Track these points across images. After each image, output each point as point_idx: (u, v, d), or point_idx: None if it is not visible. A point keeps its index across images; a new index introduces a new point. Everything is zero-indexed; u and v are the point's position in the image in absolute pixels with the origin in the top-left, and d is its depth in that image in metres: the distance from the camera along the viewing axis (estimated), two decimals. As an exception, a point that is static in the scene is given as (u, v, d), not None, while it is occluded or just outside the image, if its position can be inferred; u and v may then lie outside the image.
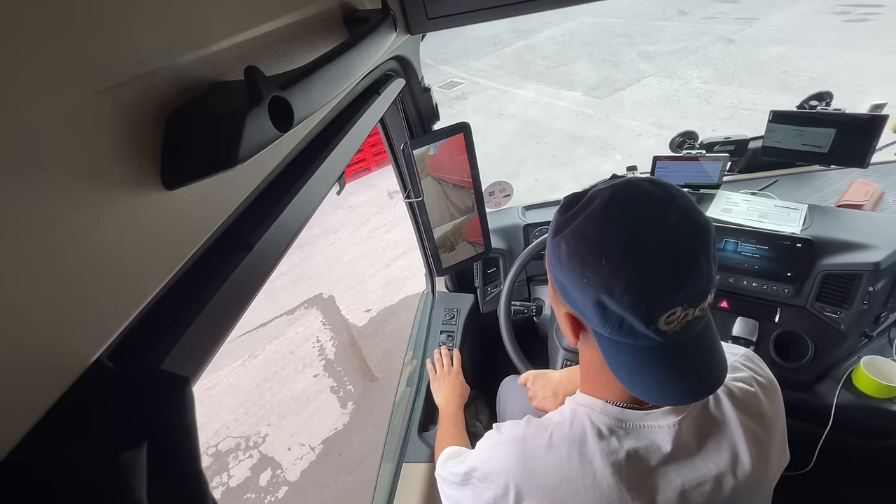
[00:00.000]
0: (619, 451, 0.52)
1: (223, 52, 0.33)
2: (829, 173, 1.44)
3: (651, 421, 0.52)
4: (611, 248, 0.44)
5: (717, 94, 4.72)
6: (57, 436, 0.21)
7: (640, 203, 0.45)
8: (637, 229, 0.44)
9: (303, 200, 0.45)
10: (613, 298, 0.43)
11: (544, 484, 0.53)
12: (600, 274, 0.44)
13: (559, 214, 0.51)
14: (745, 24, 6.31)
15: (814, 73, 4.74)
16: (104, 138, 0.24)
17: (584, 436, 0.53)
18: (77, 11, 0.22)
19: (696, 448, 0.52)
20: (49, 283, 0.21)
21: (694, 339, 0.47)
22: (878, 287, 1.04)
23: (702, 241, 0.44)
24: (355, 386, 2.52)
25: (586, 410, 0.55)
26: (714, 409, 0.54)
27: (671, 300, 0.43)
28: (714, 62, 5.41)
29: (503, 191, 1.46)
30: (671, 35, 6.40)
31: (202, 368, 0.33)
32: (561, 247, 0.48)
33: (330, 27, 0.51)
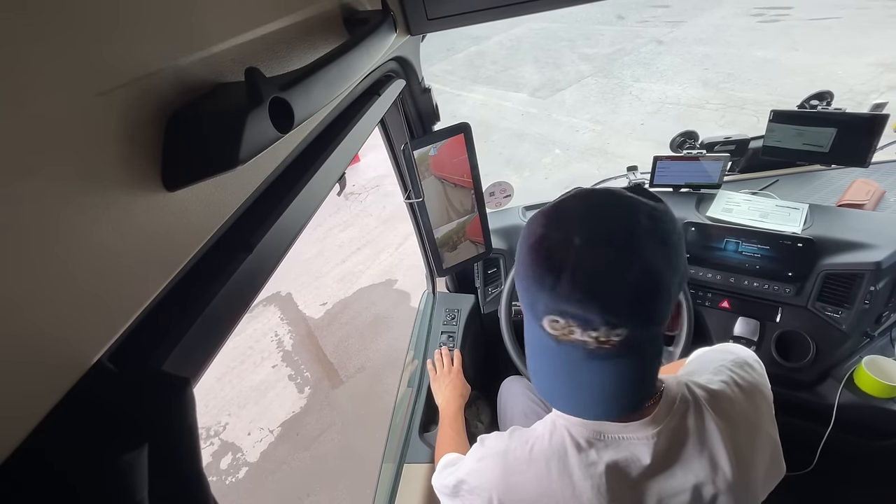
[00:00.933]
0: (597, 463, 0.51)
1: (223, 54, 0.33)
2: (829, 173, 1.44)
3: (629, 433, 0.52)
4: (527, 241, 0.48)
5: (646, 90, 5.16)
6: (58, 437, 0.21)
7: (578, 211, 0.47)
8: (553, 233, 0.46)
9: (303, 201, 0.45)
10: (519, 280, 0.48)
11: (524, 498, 0.54)
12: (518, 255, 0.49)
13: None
14: (674, 26, 6.88)
15: (730, 69, 5.21)
16: (105, 139, 0.24)
17: (564, 448, 0.53)
18: (78, 13, 0.22)
19: (675, 458, 0.52)
20: (50, 285, 0.21)
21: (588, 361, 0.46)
22: (879, 286, 1.04)
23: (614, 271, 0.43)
24: (312, 372, 2.71)
25: (565, 422, 0.55)
26: (693, 416, 0.53)
27: (549, 306, 0.44)
28: (646, 62, 5.89)
29: (503, 191, 1.46)
30: (609, 38, 6.91)
31: (203, 370, 0.33)
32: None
33: (330, 28, 0.51)
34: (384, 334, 2.86)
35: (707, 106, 4.60)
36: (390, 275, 3.30)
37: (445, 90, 6.19)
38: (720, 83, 4.93)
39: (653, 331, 0.46)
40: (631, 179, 1.45)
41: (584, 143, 4.34)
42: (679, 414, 0.52)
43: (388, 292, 3.17)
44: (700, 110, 4.55)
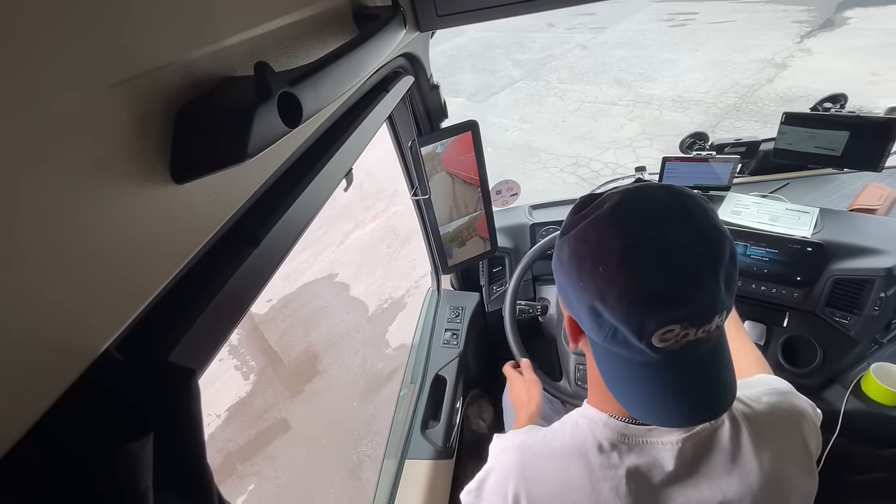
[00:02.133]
0: (619, 466, 0.50)
1: (234, 48, 0.33)
2: (841, 177, 1.42)
3: (654, 437, 0.50)
4: (608, 255, 0.42)
5: (569, 91, 5.70)
6: (66, 424, 0.22)
7: (646, 212, 0.44)
8: (638, 239, 0.42)
9: (310, 196, 0.45)
10: (607, 306, 0.42)
11: (542, 493, 0.53)
12: (595, 280, 0.43)
13: (570, 215, 0.50)
14: (597, 32, 7.54)
15: (642, 69, 5.83)
16: (117, 131, 0.24)
17: (584, 448, 0.52)
18: (92, 5, 0.22)
19: (702, 470, 0.50)
20: (59, 275, 0.21)
21: (695, 362, 0.44)
22: (889, 293, 1.03)
23: (710, 258, 0.42)
24: (257, 361, 2.96)
25: (588, 423, 0.54)
26: (728, 430, 0.50)
27: (666, 316, 0.41)
28: (571, 65, 6.46)
29: (510, 189, 1.46)
30: (540, 44, 7.46)
31: (209, 361, 0.33)
32: (564, 248, 0.47)
33: (340, 24, 0.51)
34: (325, 321, 3.11)
35: (619, 103, 5.10)
36: (332, 269, 3.55)
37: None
38: (632, 82, 5.53)
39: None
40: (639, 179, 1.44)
41: (512, 141, 4.79)
42: (712, 425, 0.50)
43: (330, 285, 3.42)
44: (613, 107, 5.04)
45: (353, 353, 2.87)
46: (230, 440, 2.49)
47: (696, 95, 4.87)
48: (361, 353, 2.86)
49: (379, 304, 3.19)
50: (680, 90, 5.05)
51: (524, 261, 1.14)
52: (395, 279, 3.35)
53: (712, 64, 5.53)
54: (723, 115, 4.46)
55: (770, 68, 5.14)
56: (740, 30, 6.43)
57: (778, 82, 4.83)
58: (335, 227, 3.92)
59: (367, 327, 3.04)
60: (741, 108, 4.55)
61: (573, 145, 4.44)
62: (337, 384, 2.71)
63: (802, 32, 5.98)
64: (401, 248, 3.63)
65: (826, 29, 6.01)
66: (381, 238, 3.77)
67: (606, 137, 4.50)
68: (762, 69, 5.15)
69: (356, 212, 4.07)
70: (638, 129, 4.54)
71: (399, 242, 3.68)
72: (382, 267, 3.48)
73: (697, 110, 4.62)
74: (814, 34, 5.88)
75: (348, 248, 3.71)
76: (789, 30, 6.14)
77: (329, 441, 2.45)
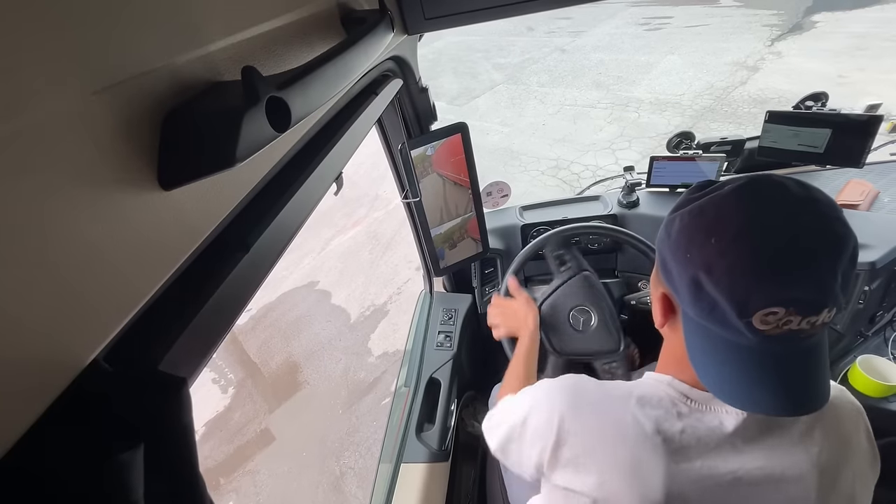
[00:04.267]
0: (675, 421, 0.49)
1: (220, 53, 0.33)
2: (824, 173, 1.45)
3: (718, 406, 0.49)
4: (724, 228, 0.42)
5: (549, 94, 5.80)
6: (54, 437, 0.21)
7: (773, 195, 0.42)
8: (761, 217, 0.41)
9: (300, 201, 0.45)
10: (712, 278, 0.41)
11: (590, 426, 0.52)
12: (705, 250, 0.42)
13: (686, 194, 0.49)
14: (575, 36, 7.74)
15: (619, 73, 5.96)
16: (100, 139, 0.24)
17: (643, 399, 0.51)
18: (72, 11, 0.22)
19: (763, 443, 0.48)
20: (45, 284, 0.21)
21: (793, 353, 0.42)
22: (873, 286, 1.05)
23: (833, 249, 0.40)
24: (235, 374, 2.94)
25: (652, 381, 0.54)
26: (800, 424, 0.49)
27: (774, 296, 0.39)
28: (550, 69, 6.59)
29: (501, 191, 1.47)
30: (520, 48, 7.62)
31: (199, 369, 0.33)
32: (675, 222, 0.47)
33: (327, 27, 0.51)
34: (306, 330, 3.08)
35: (598, 105, 5.20)
36: (313, 277, 3.51)
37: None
38: (610, 85, 5.68)
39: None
40: (627, 179, 1.45)
41: (493, 144, 4.85)
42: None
43: (311, 293, 3.37)
44: (592, 109, 5.13)
45: (335, 363, 2.82)
46: (209, 456, 2.47)
47: (673, 98, 4.98)
48: (343, 363, 2.82)
49: (361, 311, 3.14)
50: (657, 93, 5.17)
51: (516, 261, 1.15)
52: (377, 286, 3.31)
53: (687, 67, 5.70)
54: (698, 117, 4.53)
55: (743, 71, 5.32)
56: (713, 33, 6.65)
57: (750, 84, 4.97)
58: (315, 234, 3.92)
59: (348, 336, 2.98)
60: (716, 109, 4.64)
61: (554, 148, 4.49)
62: (318, 395, 2.67)
63: (773, 36, 6.18)
64: (382, 254, 3.59)
65: (795, 32, 6.23)
66: (362, 244, 3.72)
67: (586, 140, 4.53)
68: (735, 72, 5.33)
69: (336, 218, 4.04)
70: (617, 131, 4.59)
71: (381, 248, 3.64)
72: (364, 273, 3.44)
73: (674, 112, 4.71)
74: (783, 37, 6.09)
75: (329, 254, 3.69)
76: (760, 33, 6.37)
77: (311, 454, 2.41)
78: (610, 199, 1.46)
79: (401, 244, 3.63)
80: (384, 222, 3.89)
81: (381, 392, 2.60)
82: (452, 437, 1.15)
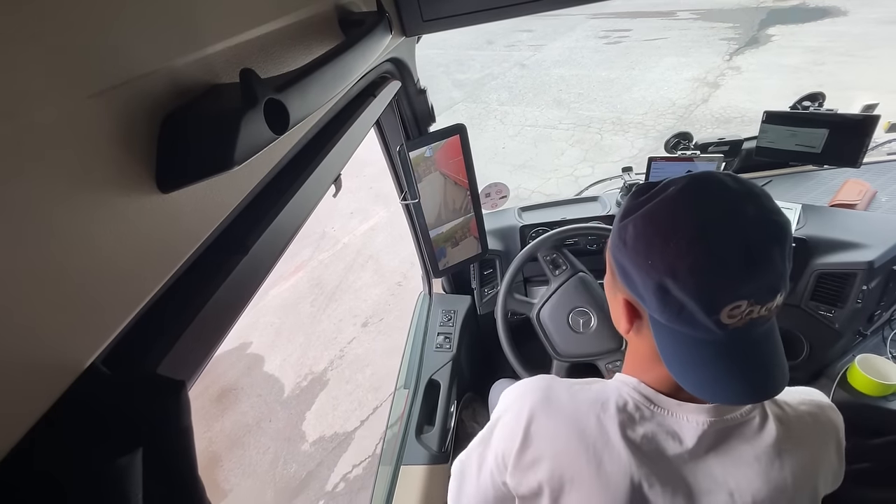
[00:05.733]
0: (637, 427, 0.50)
1: (218, 55, 0.33)
2: (822, 173, 1.45)
3: (682, 412, 0.50)
4: (681, 230, 0.43)
5: (509, 114, 5.53)
6: (52, 441, 0.21)
7: (717, 193, 0.44)
8: (711, 216, 0.43)
9: (299, 203, 0.45)
10: (677, 282, 0.42)
11: (552, 428, 0.53)
12: (666, 255, 0.43)
13: (630, 200, 0.50)
14: (536, 49, 7.49)
15: (580, 89, 5.78)
16: (98, 142, 0.24)
17: (607, 403, 0.52)
18: (70, 14, 0.22)
19: (720, 455, 0.49)
20: (43, 288, 0.21)
21: (755, 340, 0.45)
22: (871, 286, 1.05)
23: (778, 237, 0.43)
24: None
25: (618, 384, 0.54)
26: (756, 428, 0.50)
27: (738, 291, 0.41)
28: (510, 85, 6.32)
29: (499, 192, 1.47)
30: (479, 63, 7.35)
31: (198, 372, 0.33)
32: (628, 229, 0.47)
33: (325, 29, 0.51)
34: (231, 409, 2.56)
35: (559, 126, 4.94)
36: (245, 337, 3.00)
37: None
38: (571, 103, 5.43)
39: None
40: (626, 180, 1.45)
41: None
42: (744, 417, 0.50)
43: (241, 358, 2.87)
44: (553, 130, 4.88)
45: (262, 453, 2.34)
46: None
47: (635, 117, 4.77)
48: (272, 451, 2.34)
49: (297, 381, 2.68)
50: (619, 111, 4.97)
51: (515, 262, 1.15)
52: (318, 347, 2.87)
53: (648, 83, 5.54)
54: (661, 138, 4.18)
55: (704, 87, 5.19)
56: (673, 47, 6.56)
57: (712, 102, 4.83)
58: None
59: (280, 414, 2.53)
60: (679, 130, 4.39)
61: (514, 175, 4.19)
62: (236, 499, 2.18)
63: (731, 50, 6.10)
64: (326, 307, 3.15)
65: (752, 46, 6.15)
66: (303, 294, 3.27)
67: (547, 165, 4.24)
68: (696, 88, 5.21)
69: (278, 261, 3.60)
70: (579, 155, 4.35)
71: (324, 299, 3.21)
72: (304, 332, 2.99)
73: (637, 133, 4.49)
74: (741, 51, 6.01)
75: (266, 308, 3.18)
76: (718, 47, 6.28)
77: None
78: (608, 199, 1.46)
79: (347, 292, 3.23)
80: (330, 266, 3.50)
81: (315, 491, 2.14)
82: (452, 439, 1.15)
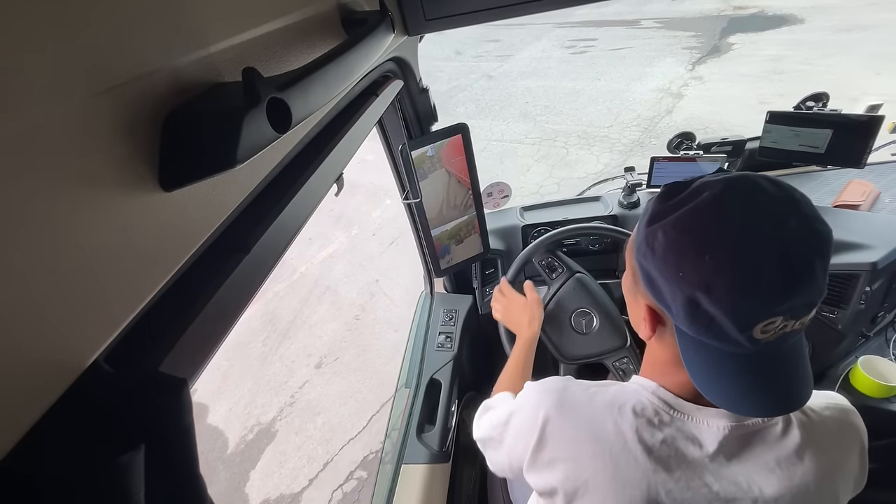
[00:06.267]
0: (656, 432, 0.49)
1: (221, 54, 0.33)
2: (825, 173, 1.45)
3: (702, 417, 0.49)
4: (717, 243, 0.40)
5: (475, 128, 5.82)
6: (54, 439, 0.21)
7: (757, 201, 0.41)
8: (751, 228, 0.40)
9: (301, 202, 0.45)
10: (711, 297, 0.40)
11: (570, 433, 0.52)
12: (701, 269, 0.41)
13: (658, 203, 0.47)
14: (502, 60, 7.44)
15: (547, 101, 5.70)
16: (101, 140, 0.24)
17: (624, 407, 0.51)
18: (75, 13, 0.22)
19: (741, 460, 0.48)
20: (46, 286, 0.21)
21: (783, 353, 0.43)
22: (875, 287, 1.05)
23: (821, 250, 0.40)
24: None
25: (637, 387, 0.53)
26: (779, 433, 0.49)
27: (775, 309, 0.39)
28: (477, 98, 6.22)
29: (501, 192, 1.46)
30: (447, 75, 7.23)
31: (200, 370, 0.33)
32: (657, 236, 0.44)
33: (328, 28, 0.51)
34: None
35: (525, 140, 4.83)
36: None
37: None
38: (537, 116, 5.31)
39: None
40: (629, 180, 1.45)
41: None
42: (766, 423, 0.49)
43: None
44: (519, 146, 4.77)
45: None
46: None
47: (601, 131, 4.69)
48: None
49: (242, 434, 2.44)
50: (585, 124, 4.89)
51: (517, 262, 1.14)
52: (268, 393, 2.65)
53: (614, 94, 5.48)
54: (627, 152, 4.25)
55: (668, 98, 5.15)
56: (637, 57, 6.59)
57: (676, 113, 4.78)
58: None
59: (222, 475, 2.26)
60: (644, 143, 4.34)
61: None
62: None
63: (693, 59, 6.12)
64: (278, 346, 2.92)
65: (714, 55, 6.17)
66: (255, 332, 3.02)
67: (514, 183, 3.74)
68: (661, 99, 5.16)
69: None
70: (545, 171, 4.25)
71: (277, 337, 2.99)
72: (253, 375, 2.77)
73: (603, 147, 4.40)
74: (704, 60, 6.03)
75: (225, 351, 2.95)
76: (681, 56, 6.31)
77: None
78: (610, 199, 1.46)
79: (302, 328, 3.01)
80: (285, 298, 3.27)
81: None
82: (453, 439, 1.15)
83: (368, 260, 3.51)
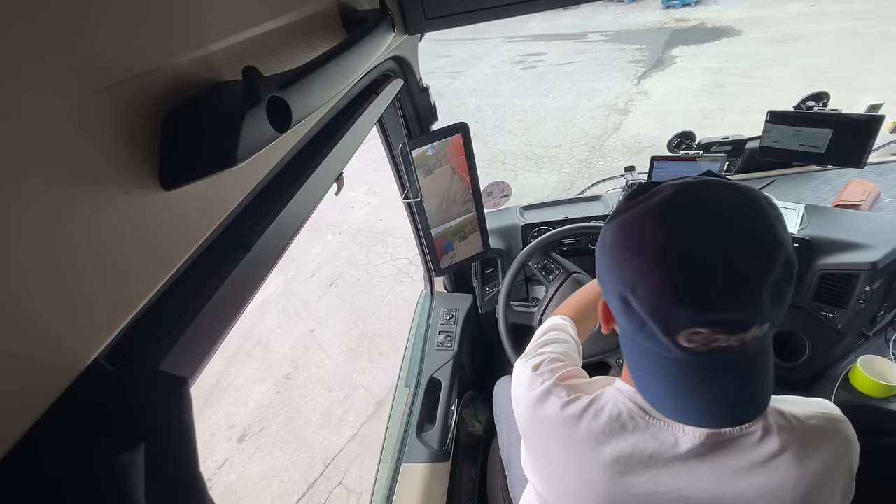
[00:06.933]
0: (628, 437, 0.50)
1: (221, 52, 0.33)
2: (825, 173, 1.45)
3: (677, 423, 0.49)
4: (645, 248, 0.41)
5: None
6: (55, 437, 0.21)
7: (703, 207, 0.41)
8: (684, 237, 0.40)
9: (301, 201, 0.45)
10: (636, 297, 0.41)
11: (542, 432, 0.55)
12: (628, 270, 0.42)
13: (623, 201, 0.48)
14: (454, 77, 7.39)
15: (496, 120, 5.61)
16: (101, 138, 0.24)
17: (601, 411, 0.52)
18: (75, 11, 0.22)
19: (716, 465, 0.48)
20: (46, 284, 0.21)
21: (720, 367, 0.42)
22: (874, 287, 1.05)
23: (760, 265, 0.39)
24: None
25: (614, 392, 0.54)
26: (757, 440, 0.48)
27: (695, 318, 0.39)
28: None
29: (501, 191, 1.47)
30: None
31: (200, 369, 0.33)
32: (607, 233, 0.46)
33: (328, 27, 0.51)
34: None
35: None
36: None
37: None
38: (487, 136, 5.17)
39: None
40: (628, 179, 1.45)
41: (357, 223, 4.01)
42: (743, 431, 0.48)
43: None
44: None
45: None
46: None
47: (549, 151, 4.59)
48: None
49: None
50: (533, 145, 4.78)
51: (517, 261, 1.15)
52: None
53: (562, 112, 5.42)
54: (575, 173, 4.14)
55: (615, 115, 5.11)
56: (584, 72, 6.61)
57: (623, 130, 4.73)
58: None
59: None
60: (592, 163, 4.26)
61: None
62: None
63: (639, 73, 6.15)
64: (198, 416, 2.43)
65: (658, 68, 6.22)
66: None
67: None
68: (608, 116, 5.10)
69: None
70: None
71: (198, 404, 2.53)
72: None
73: (551, 168, 4.28)
74: (648, 74, 6.07)
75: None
76: (627, 70, 6.34)
77: None
78: (611, 199, 1.46)
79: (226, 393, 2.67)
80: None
81: None
82: (453, 438, 1.15)
83: (304, 306, 3.20)
